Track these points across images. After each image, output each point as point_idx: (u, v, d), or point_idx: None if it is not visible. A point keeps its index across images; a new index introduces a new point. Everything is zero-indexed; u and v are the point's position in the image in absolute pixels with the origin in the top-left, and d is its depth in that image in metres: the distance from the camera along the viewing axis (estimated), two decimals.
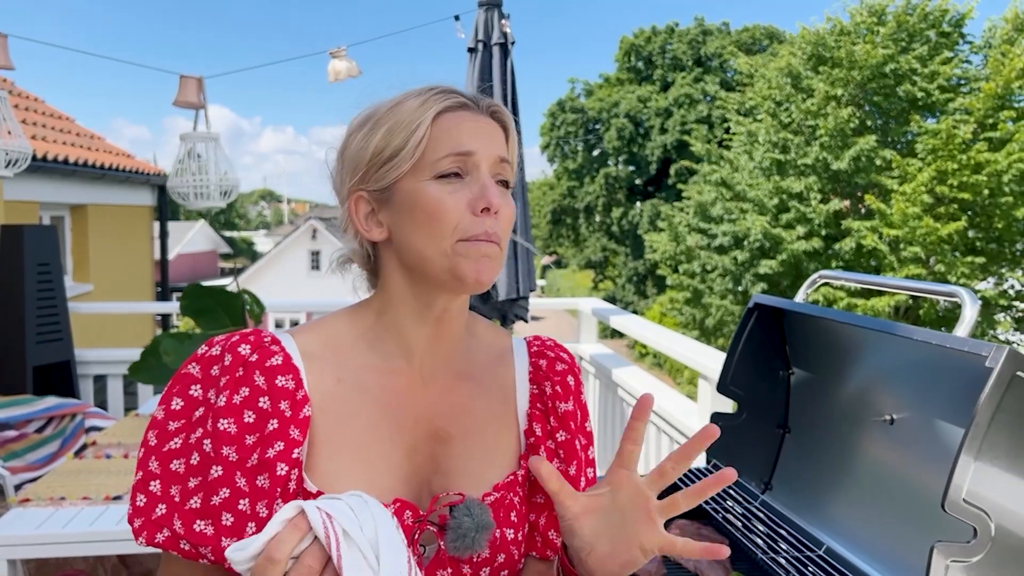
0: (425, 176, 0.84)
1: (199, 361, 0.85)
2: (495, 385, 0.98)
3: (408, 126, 0.84)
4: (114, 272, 8.91)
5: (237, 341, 0.85)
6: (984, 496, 1.04)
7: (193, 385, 0.84)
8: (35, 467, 3.11)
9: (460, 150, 0.84)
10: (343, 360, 0.89)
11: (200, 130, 3.43)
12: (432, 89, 0.87)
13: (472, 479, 0.92)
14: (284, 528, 0.67)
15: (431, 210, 0.83)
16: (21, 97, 8.24)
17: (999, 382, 1.02)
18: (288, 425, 0.82)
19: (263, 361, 0.84)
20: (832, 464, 1.52)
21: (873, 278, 1.50)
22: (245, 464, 0.80)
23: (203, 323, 3.01)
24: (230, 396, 0.81)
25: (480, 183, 0.84)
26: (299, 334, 0.90)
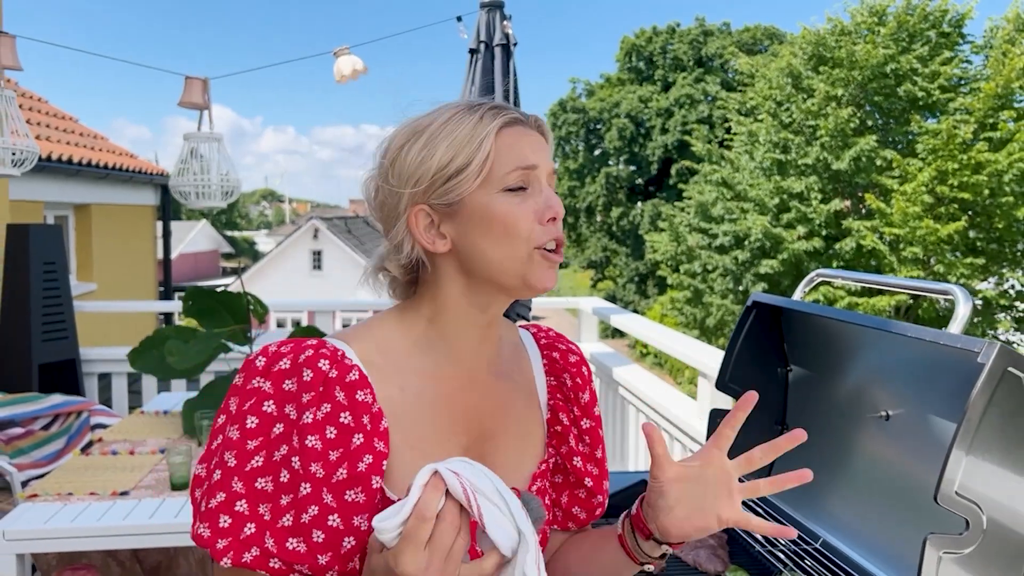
0: (494, 189, 0.87)
1: (267, 376, 0.85)
2: (519, 377, 1.04)
3: (472, 142, 0.87)
4: (117, 271, 8.94)
5: (313, 356, 0.86)
6: (976, 489, 1.06)
7: (266, 401, 0.84)
8: (41, 464, 3.13)
9: (525, 164, 0.88)
10: (400, 368, 0.92)
11: (204, 130, 3.46)
12: (482, 105, 0.91)
13: (514, 472, 0.97)
14: (425, 490, 0.72)
15: (506, 222, 0.87)
16: (25, 97, 8.27)
17: (990, 377, 1.04)
18: (372, 439, 0.85)
19: (343, 376, 0.86)
20: (829, 460, 1.55)
21: (870, 276, 1.52)
22: (330, 480, 0.82)
23: (206, 323, 3.03)
24: (315, 413, 0.83)
25: (544, 194, 0.90)
26: (355, 342, 0.92)
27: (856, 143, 13.90)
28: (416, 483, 0.73)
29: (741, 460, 0.89)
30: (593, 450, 1.06)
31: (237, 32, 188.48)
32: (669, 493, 0.87)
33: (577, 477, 1.05)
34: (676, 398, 3.19)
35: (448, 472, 0.73)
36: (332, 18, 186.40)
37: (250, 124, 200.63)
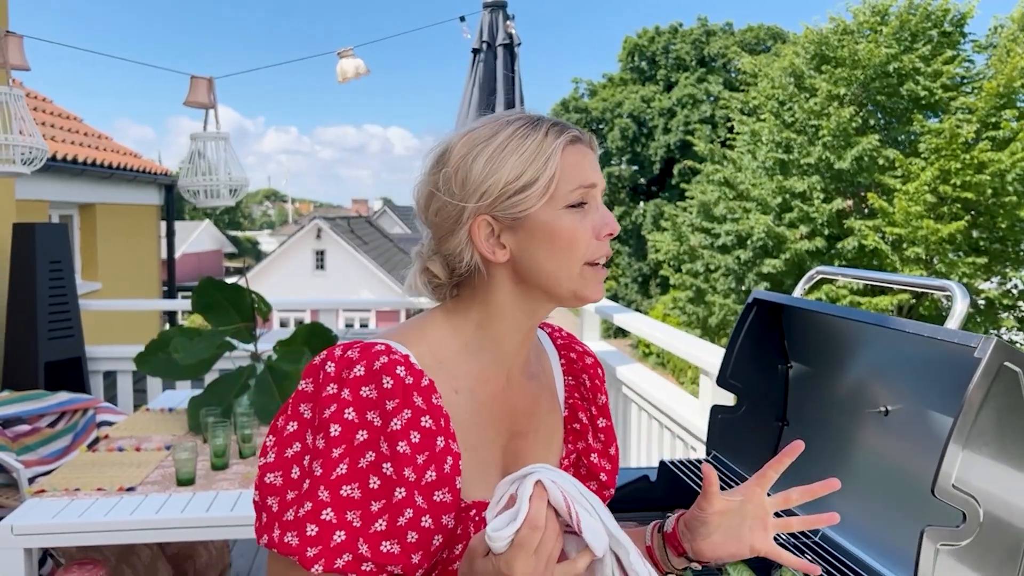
0: (558, 206, 0.91)
1: (343, 384, 0.87)
2: (544, 378, 1.08)
3: (538, 159, 0.90)
4: (122, 271, 8.97)
5: (389, 364, 0.87)
6: (973, 483, 1.07)
7: (347, 409, 0.85)
8: (48, 461, 3.16)
9: (587, 183, 0.93)
10: (453, 371, 0.95)
11: (210, 130, 3.48)
12: (543, 120, 0.94)
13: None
14: (534, 501, 0.75)
15: (568, 238, 0.91)
16: (30, 97, 8.30)
17: (987, 372, 1.06)
18: (449, 440, 0.89)
19: (419, 382, 0.88)
20: (829, 455, 1.56)
21: (869, 273, 1.54)
22: (421, 483, 0.85)
23: (213, 319, 3.05)
24: (400, 419, 0.85)
25: (600, 211, 0.94)
26: (411, 345, 0.94)
27: (858, 142, 13.89)
28: (523, 493, 0.76)
29: (779, 498, 0.96)
30: (607, 447, 1.11)
31: (239, 33, 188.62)
32: (711, 523, 0.95)
33: (593, 472, 1.09)
34: (678, 396, 3.20)
35: (549, 482, 0.77)
36: (336, 19, 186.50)
37: (252, 124, 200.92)
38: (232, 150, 3.50)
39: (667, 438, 3.19)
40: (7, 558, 2.11)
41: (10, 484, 3.18)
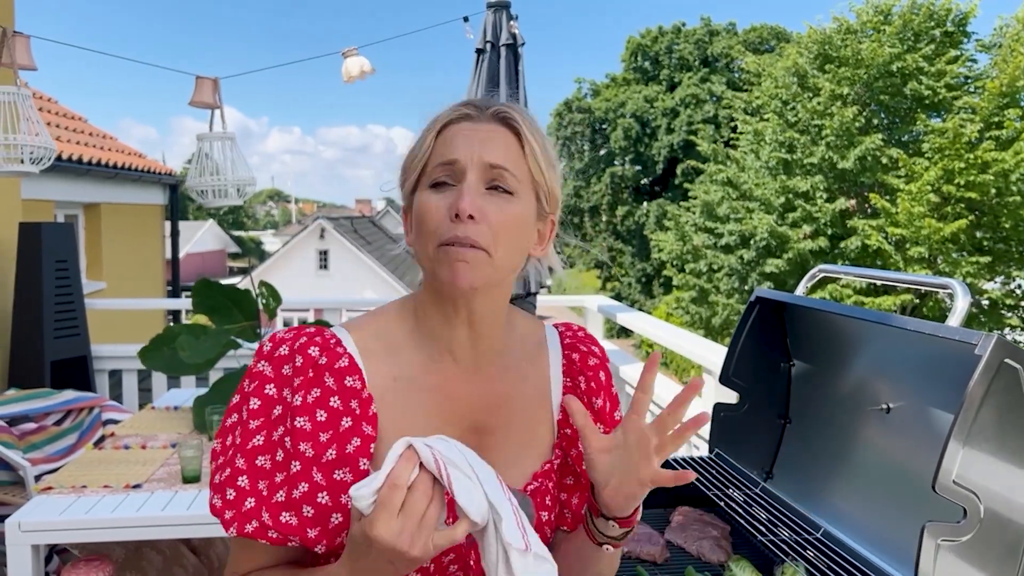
0: (425, 185, 0.91)
1: (269, 360, 0.91)
2: (533, 375, 1.04)
3: (420, 140, 0.93)
4: (126, 270, 9.00)
5: (306, 343, 0.92)
6: (973, 479, 1.08)
7: (267, 384, 0.90)
8: (54, 458, 3.17)
9: (445, 159, 0.90)
10: (396, 358, 0.96)
11: (216, 130, 3.50)
12: (451, 105, 0.95)
13: (513, 468, 0.98)
14: (400, 461, 0.76)
15: (420, 216, 0.90)
16: (36, 97, 8.32)
17: (987, 369, 1.07)
18: (360, 422, 0.90)
19: (332, 363, 0.91)
20: (831, 452, 1.57)
21: (870, 271, 1.55)
22: (320, 459, 0.87)
23: (217, 319, 3.06)
24: (304, 396, 0.89)
25: (459, 190, 0.88)
26: (356, 330, 0.97)
27: (862, 142, 13.88)
28: (391, 454, 0.77)
29: (655, 423, 0.87)
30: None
31: (242, 33, 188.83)
32: (600, 465, 0.88)
33: (587, 481, 1.02)
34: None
35: (422, 445, 0.77)
36: (340, 19, 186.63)
37: (256, 124, 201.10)
38: (239, 150, 3.52)
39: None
40: (15, 554, 2.12)
41: (17, 482, 3.20)
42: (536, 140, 0.94)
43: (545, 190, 0.95)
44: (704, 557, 1.49)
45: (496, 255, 0.89)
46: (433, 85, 8.87)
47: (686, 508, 1.68)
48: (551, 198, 0.97)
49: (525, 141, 0.93)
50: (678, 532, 1.57)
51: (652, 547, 1.49)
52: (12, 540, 2.11)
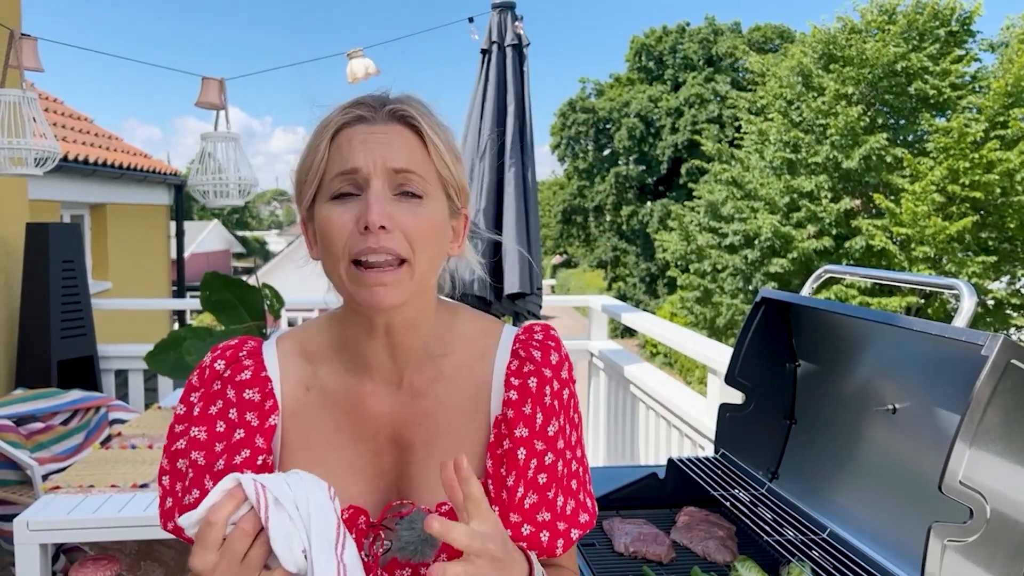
0: (324, 198, 0.85)
1: (198, 370, 0.95)
2: (470, 384, 0.95)
3: (313, 149, 0.86)
4: (132, 270, 9.02)
5: (216, 356, 0.94)
6: (980, 479, 1.08)
7: (192, 393, 0.94)
8: (61, 458, 3.19)
9: (344, 168, 0.84)
10: (314, 368, 0.95)
11: (221, 130, 3.51)
12: (341, 106, 0.88)
13: (433, 485, 0.91)
14: (223, 496, 0.75)
15: (324, 231, 0.85)
16: (41, 98, 8.36)
17: (994, 370, 1.07)
18: (254, 434, 0.90)
19: (234, 376, 0.92)
20: (837, 453, 1.57)
21: (876, 272, 1.55)
22: (212, 468, 0.88)
23: (224, 318, 3.07)
24: (204, 408, 0.91)
25: (365, 199, 0.83)
26: (283, 339, 0.98)
27: (866, 141, 13.85)
28: (217, 488, 0.76)
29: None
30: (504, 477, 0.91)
31: (247, 33, 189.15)
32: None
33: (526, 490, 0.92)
34: (686, 395, 3.21)
35: (249, 481, 0.76)
36: (344, 20, 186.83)
37: (260, 124, 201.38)
38: (242, 150, 3.53)
39: (675, 437, 3.20)
40: (23, 553, 2.13)
41: (25, 481, 3.21)
42: (439, 136, 0.89)
43: (454, 186, 0.90)
44: (710, 557, 1.49)
45: (416, 265, 0.84)
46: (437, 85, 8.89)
47: (692, 508, 1.68)
48: (461, 193, 0.92)
49: (428, 139, 0.87)
50: (684, 532, 1.58)
51: (658, 547, 1.49)
52: (20, 539, 2.12)
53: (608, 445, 4.24)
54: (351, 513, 0.90)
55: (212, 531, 0.73)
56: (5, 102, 2.98)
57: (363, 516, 0.91)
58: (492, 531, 0.77)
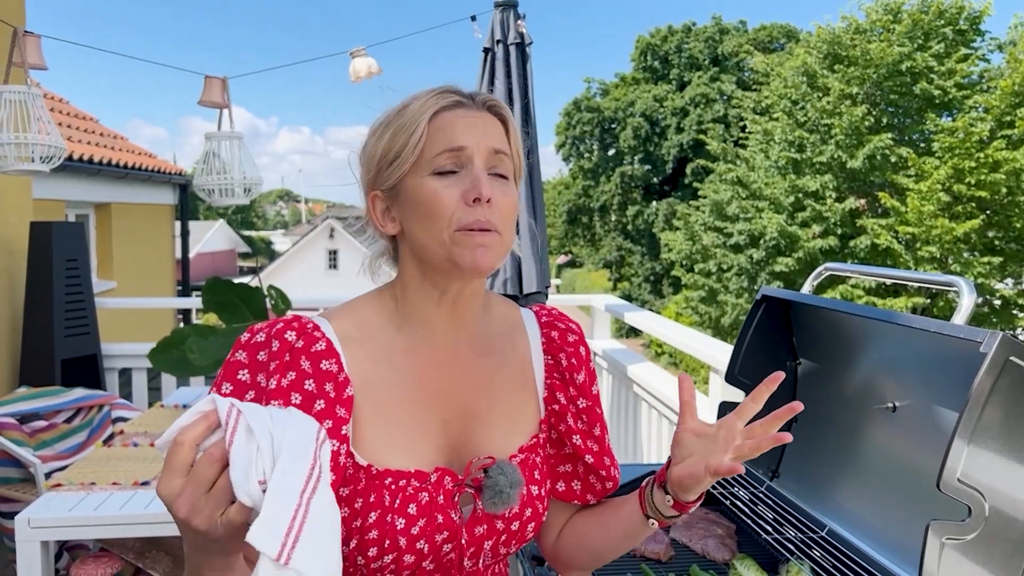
0: (424, 173, 0.91)
1: (245, 348, 0.90)
2: (513, 356, 1.07)
3: (409, 128, 0.92)
4: (136, 270, 9.05)
5: (282, 328, 0.91)
6: (979, 477, 1.08)
7: (240, 371, 0.89)
8: (64, 456, 3.20)
9: (452, 146, 0.91)
10: (375, 343, 0.97)
11: (224, 129, 3.52)
12: (432, 91, 0.94)
13: (499, 444, 1.01)
14: (195, 418, 0.70)
15: (429, 203, 0.90)
16: (47, 98, 8.38)
17: (992, 367, 1.06)
18: (334, 405, 0.89)
19: (308, 347, 0.91)
20: (837, 451, 1.57)
21: (876, 269, 1.54)
22: None
23: (226, 317, 3.07)
24: (279, 380, 0.87)
25: (472, 175, 0.90)
26: (334, 318, 0.97)
27: (871, 141, 13.82)
28: (193, 408, 0.71)
29: (745, 429, 0.91)
30: (591, 428, 1.09)
31: (250, 33, 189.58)
32: (684, 442, 0.94)
33: (577, 454, 1.08)
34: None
35: (226, 403, 0.70)
36: (348, 19, 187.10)
37: (265, 124, 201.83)
38: (246, 149, 3.53)
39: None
40: (24, 550, 2.14)
41: (27, 479, 3.22)
42: (516, 127, 0.99)
43: (520, 170, 1.00)
44: (709, 555, 1.49)
45: (505, 236, 0.93)
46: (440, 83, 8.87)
47: None
48: (520, 175, 1.01)
49: (511, 128, 0.98)
50: (683, 530, 1.57)
51: (657, 545, 1.49)
52: (22, 536, 2.13)
53: (610, 444, 4.24)
54: (439, 475, 0.94)
55: (180, 453, 0.68)
56: (9, 100, 3.00)
57: (448, 476, 0.95)
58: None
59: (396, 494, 0.91)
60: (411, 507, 0.91)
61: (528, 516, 1.00)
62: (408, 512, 0.91)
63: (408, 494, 0.91)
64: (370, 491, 0.90)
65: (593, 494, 1.10)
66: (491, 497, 0.93)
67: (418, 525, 0.91)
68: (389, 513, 0.90)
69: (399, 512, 0.90)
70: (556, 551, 1.15)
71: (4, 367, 4.36)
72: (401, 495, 0.91)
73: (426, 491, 0.92)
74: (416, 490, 0.92)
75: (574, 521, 1.13)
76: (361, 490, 0.90)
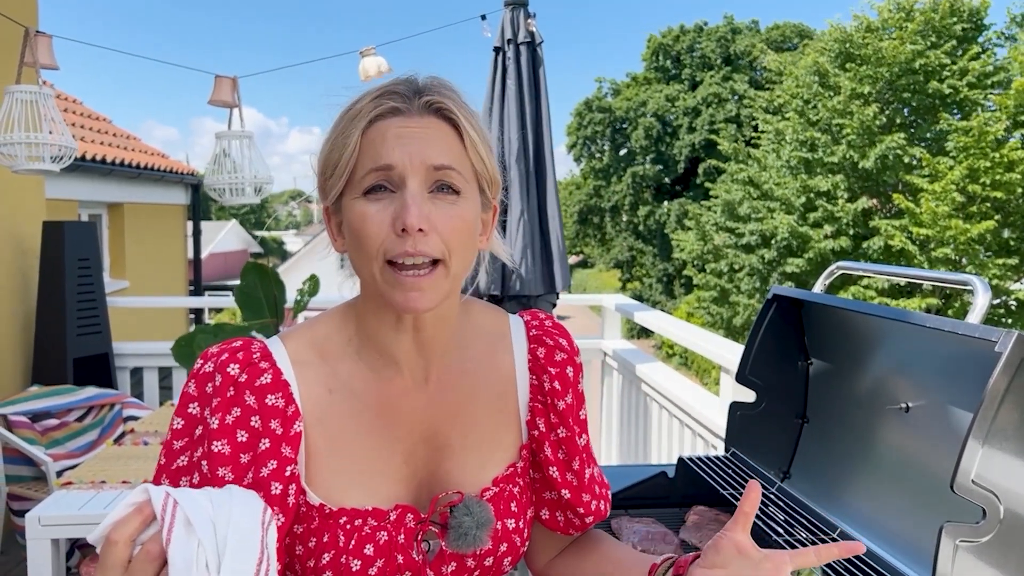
0: (356, 193, 0.82)
1: (195, 378, 0.85)
2: (494, 376, 0.97)
3: (342, 141, 0.83)
4: (149, 269, 9.09)
5: (226, 360, 0.84)
6: (993, 479, 1.06)
7: (191, 404, 0.84)
8: (75, 454, 3.22)
9: (379, 164, 0.80)
10: (333, 368, 0.89)
11: (235, 128, 3.53)
12: (374, 91, 0.84)
13: (471, 476, 0.93)
14: (129, 511, 0.66)
15: (356, 228, 0.81)
16: (60, 99, 8.45)
17: (1007, 366, 1.04)
18: (280, 443, 0.82)
19: (252, 380, 0.83)
20: (849, 452, 1.55)
21: (889, 268, 1.52)
22: (241, 482, 0.80)
23: (247, 311, 3.09)
24: (222, 417, 0.81)
25: (402, 199, 0.80)
26: (289, 340, 0.90)
27: (883, 140, 13.73)
28: (124, 500, 0.67)
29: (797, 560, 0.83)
30: (570, 461, 0.98)
31: (260, 33, 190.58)
32: (722, 551, 0.82)
33: (554, 488, 0.98)
34: (698, 394, 3.19)
35: (161, 494, 0.66)
36: (358, 18, 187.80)
37: (276, 125, 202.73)
38: (257, 149, 3.54)
39: (687, 436, 3.18)
40: (35, 548, 2.15)
41: (39, 477, 3.24)
42: (474, 128, 0.86)
43: (487, 179, 0.88)
44: None
45: (451, 265, 0.82)
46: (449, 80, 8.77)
47: (701, 508, 1.66)
48: (493, 185, 0.90)
49: (465, 133, 0.85)
50: (693, 532, 1.56)
51: (666, 547, 1.47)
52: (32, 534, 2.14)
53: (620, 444, 4.22)
54: (399, 513, 0.88)
55: (114, 552, 0.65)
56: (21, 99, 3.01)
57: (410, 514, 0.89)
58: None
59: (351, 534, 0.85)
60: (367, 548, 0.85)
61: (503, 551, 0.93)
62: (364, 553, 0.85)
63: (365, 534, 0.85)
64: (324, 531, 0.85)
65: (575, 529, 1.01)
66: (456, 539, 0.87)
67: (376, 566, 0.85)
68: (344, 554, 0.84)
69: (354, 554, 0.84)
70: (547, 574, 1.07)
71: (17, 366, 4.39)
72: (357, 535, 0.85)
73: (384, 530, 0.86)
74: (373, 529, 0.86)
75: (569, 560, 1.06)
76: (315, 529, 0.85)
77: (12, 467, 3.22)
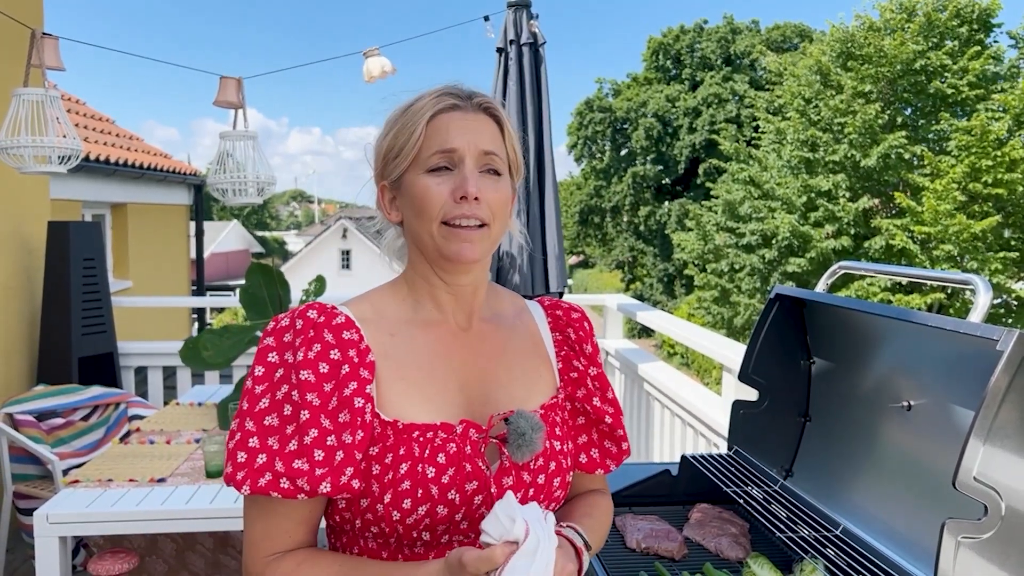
0: (421, 170, 1.01)
1: (272, 334, 0.99)
2: (523, 330, 1.16)
3: (409, 128, 1.02)
4: (152, 269, 9.11)
5: (304, 309, 1.00)
6: (995, 476, 1.07)
7: (270, 353, 0.98)
8: (81, 453, 3.23)
9: (444, 147, 1.00)
10: (391, 321, 1.05)
11: (239, 129, 3.54)
12: (434, 92, 1.04)
13: (519, 402, 1.07)
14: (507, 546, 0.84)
15: (422, 197, 1.00)
16: (64, 99, 8.44)
17: (1009, 365, 1.05)
18: (358, 368, 0.97)
19: (330, 321, 0.99)
20: (851, 450, 1.56)
21: (891, 268, 1.53)
22: (327, 407, 0.94)
23: (251, 312, 3.09)
24: (306, 352, 0.95)
25: (462, 174, 1.00)
26: (351, 305, 1.05)
27: (885, 139, 13.72)
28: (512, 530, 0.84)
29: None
30: (604, 392, 1.17)
31: (261, 33, 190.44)
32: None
33: (598, 416, 1.16)
34: (700, 393, 3.20)
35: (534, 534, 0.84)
36: (361, 19, 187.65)
37: (276, 125, 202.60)
38: (260, 149, 3.56)
39: (690, 435, 3.19)
40: (42, 546, 2.16)
41: (45, 475, 3.26)
42: (511, 125, 1.08)
43: (516, 166, 1.09)
44: (722, 554, 1.49)
45: (493, 228, 1.02)
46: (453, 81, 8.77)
47: (705, 505, 1.68)
48: (517, 172, 1.10)
49: (505, 128, 1.06)
50: (696, 529, 1.57)
51: (670, 544, 1.49)
52: (40, 532, 2.16)
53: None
54: (464, 427, 1.00)
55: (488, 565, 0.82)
56: (28, 101, 3.03)
57: (473, 428, 1.00)
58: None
59: (425, 445, 0.96)
60: (440, 456, 0.96)
61: (553, 470, 1.05)
62: (438, 461, 0.96)
63: (436, 445, 0.97)
64: (399, 445, 0.96)
65: (612, 459, 1.18)
66: (515, 441, 0.98)
67: (448, 474, 0.96)
68: (420, 463, 0.95)
69: (429, 461, 0.95)
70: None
71: (22, 365, 4.41)
72: (430, 446, 0.96)
73: (453, 442, 0.98)
74: (444, 441, 0.98)
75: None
76: (391, 446, 0.96)
77: (18, 466, 3.23)
